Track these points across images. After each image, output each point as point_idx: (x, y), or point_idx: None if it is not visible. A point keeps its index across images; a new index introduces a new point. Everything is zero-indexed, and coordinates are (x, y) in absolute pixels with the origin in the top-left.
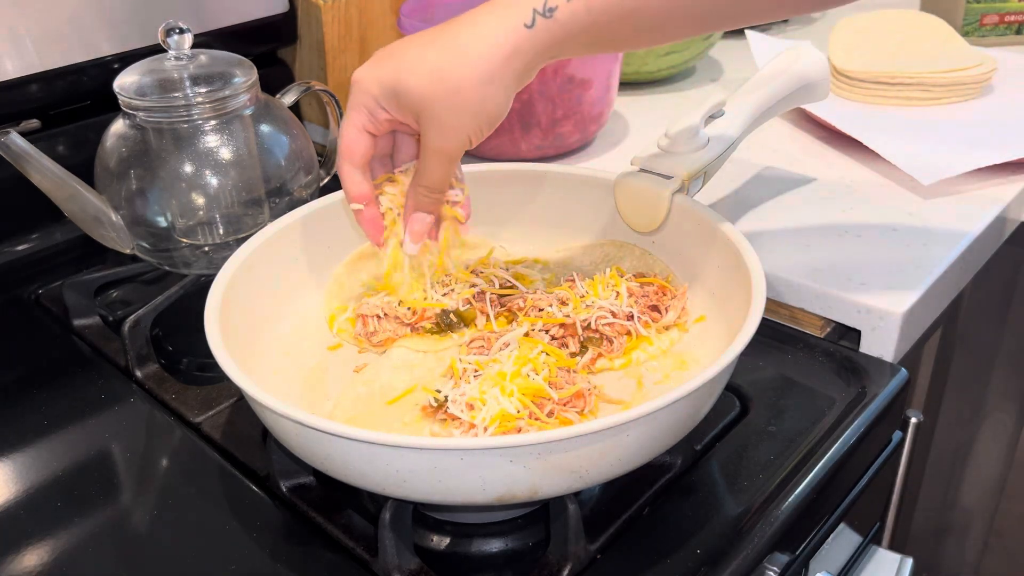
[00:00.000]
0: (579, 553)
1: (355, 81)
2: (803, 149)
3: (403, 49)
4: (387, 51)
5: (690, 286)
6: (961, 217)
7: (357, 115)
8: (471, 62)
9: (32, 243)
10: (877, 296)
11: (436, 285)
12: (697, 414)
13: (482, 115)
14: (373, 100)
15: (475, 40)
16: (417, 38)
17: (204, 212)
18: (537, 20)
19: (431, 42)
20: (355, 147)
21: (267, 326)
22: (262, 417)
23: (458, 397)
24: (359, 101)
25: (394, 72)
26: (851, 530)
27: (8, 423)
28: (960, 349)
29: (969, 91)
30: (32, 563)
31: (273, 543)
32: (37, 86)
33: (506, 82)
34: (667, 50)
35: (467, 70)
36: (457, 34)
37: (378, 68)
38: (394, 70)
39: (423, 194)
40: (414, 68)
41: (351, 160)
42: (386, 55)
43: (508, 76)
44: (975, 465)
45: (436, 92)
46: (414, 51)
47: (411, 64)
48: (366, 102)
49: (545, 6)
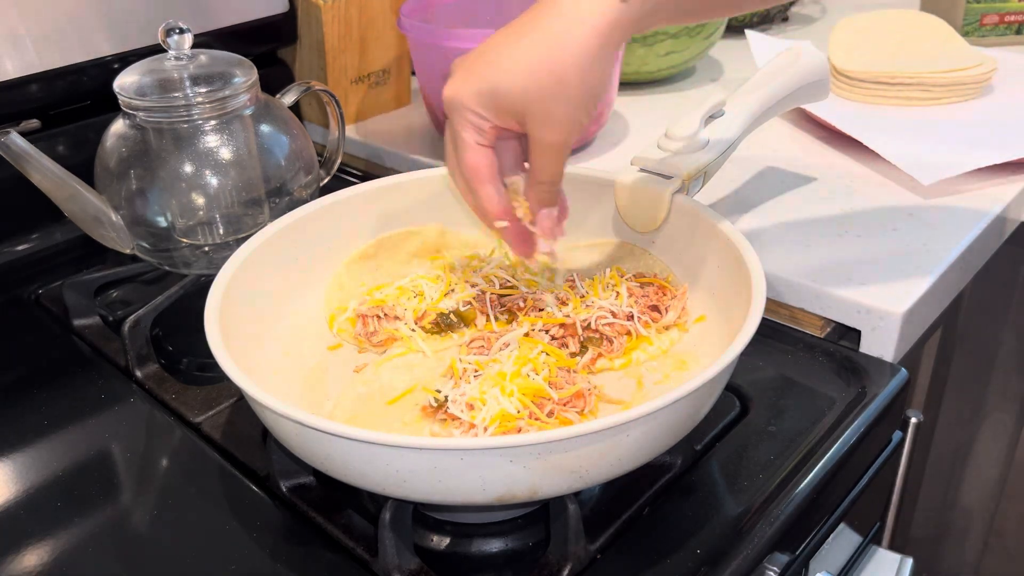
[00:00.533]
0: (579, 553)
1: (451, 100)
2: (803, 149)
3: (489, 53)
4: (469, 61)
5: (690, 286)
6: (961, 217)
7: (467, 133)
8: (571, 49)
9: (32, 243)
10: (877, 296)
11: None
12: (697, 414)
13: (588, 98)
14: (474, 114)
15: (572, 26)
16: (500, 39)
17: (204, 212)
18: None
19: (518, 38)
20: (480, 164)
21: (267, 326)
22: (262, 417)
23: (458, 397)
24: (463, 119)
25: (488, 79)
26: (851, 530)
27: (8, 423)
28: (960, 349)
29: (969, 91)
30: (32, 563)
31: (273, 543)
32: (37, 86)
33: (606, 60)
34: (667, 50)
35: (568, 57)
36: (549, 23)
37: (468, 80)
38: (488, 77)
39: (544, 190)
40: (510, 69)
41: (481, 178)
42: (472, 64)
43: (607, 54)
44: (975, 465)
45: (539, 87)
46: (503, 52)
47: (506, 66)
48: (469, 118)
49: None
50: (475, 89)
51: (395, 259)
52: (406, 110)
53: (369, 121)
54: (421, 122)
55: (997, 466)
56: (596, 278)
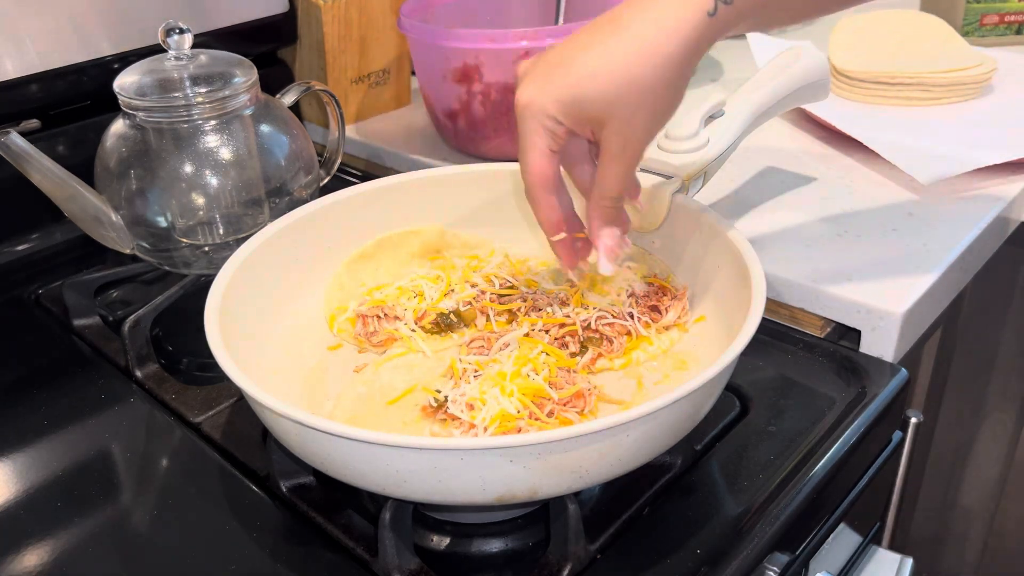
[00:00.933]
0: (579, 553)
1: (526, 105)
2: (803, 149)
3: (570, 57)
4: (547, 64)
5: (690, 286)
6: (961, 217)
7: (539, 139)
8: (661, 61)
9: (32, 243)
10: (877, 296)
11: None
12: (697, 414)
13: (669, 111)
14: (551, 119)
15: (661, 36)
16: (579, 43)
17: (204, 212)
18: (719, 8)
19: (602, 43)
20: (547, 171)
21: (267, 326)
22: (262, 417)
23: (458, 397)
24: (538, 124)
25: (572, 84)
26: (851, 530)
27: (8, 423)
28: (960, 349)
29: (969, 91)
30: (32, 563)
31: (273, 543)
32: (37, 86)
33: (689, 71)
34: None
35: (659, 70)
36: (637, 31)
37: (548, 84)
38: (571, 82)
39: (608, 206)
40: (596, 74)
41: (547, 186)
42: (550, 68)
43: (692, 65)
44: (975, 465)
45: (627, 96)
46: (586, 58)
47: (592, 71)
48: (544, 123)
49: None
50: (556, 96)
51: (395, 259)
52: (406, 110)
53: (369, 121)
54: (421, 122)
55: (997, 466)
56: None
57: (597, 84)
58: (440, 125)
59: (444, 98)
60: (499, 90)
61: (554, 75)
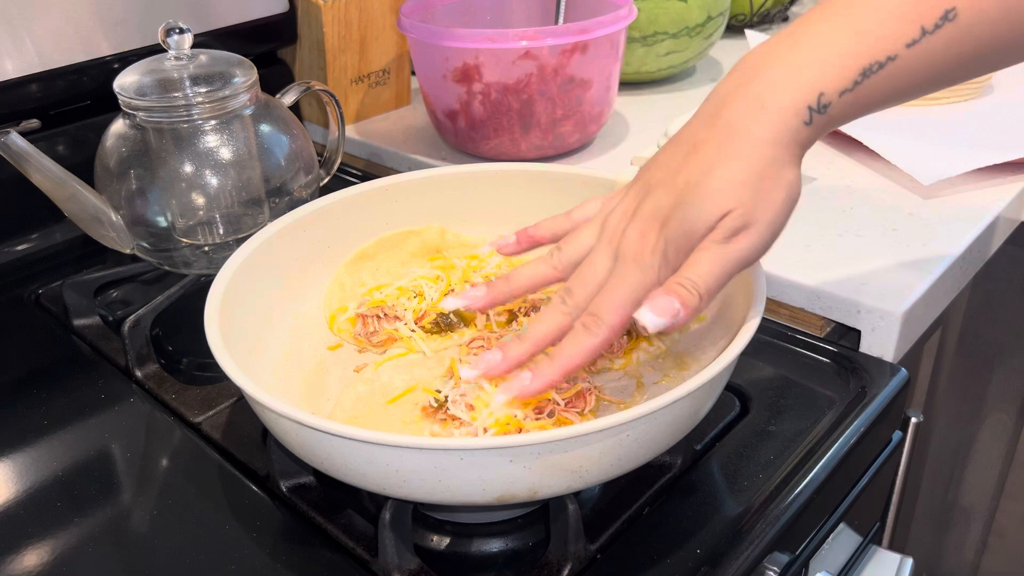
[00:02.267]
0: (579, 553)
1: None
2: None
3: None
4: (658, 184)
5: None
6: (961, 217)
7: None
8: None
9: (32, 243)
10: (877, 296)
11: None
12: (697, 414)
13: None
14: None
15: (767, 153)
16: (672, 165)
17: (204, 212)
18: (814, 118)
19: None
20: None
21: (267, 326)
22: (262, 417)
23: (458, 397)
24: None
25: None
26: (851, 530)
27: (8, 423)
28: (960, 349)
29: (969, 91)
30: (32, 563)
31: (273, 543)
32: (37, 86)
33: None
34: (667, 50)
35: (775, 193)
36: (756, 148)
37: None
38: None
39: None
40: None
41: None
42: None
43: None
44: (975, 465)
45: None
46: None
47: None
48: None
49: (819, 103)
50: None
51: (395, 259)
52: (406, 110)
53: (369, 121)
54: (421, 122)
55: (997, 466)
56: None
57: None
58: (440, 125)
59: (444, 98)
60: (499, 90)
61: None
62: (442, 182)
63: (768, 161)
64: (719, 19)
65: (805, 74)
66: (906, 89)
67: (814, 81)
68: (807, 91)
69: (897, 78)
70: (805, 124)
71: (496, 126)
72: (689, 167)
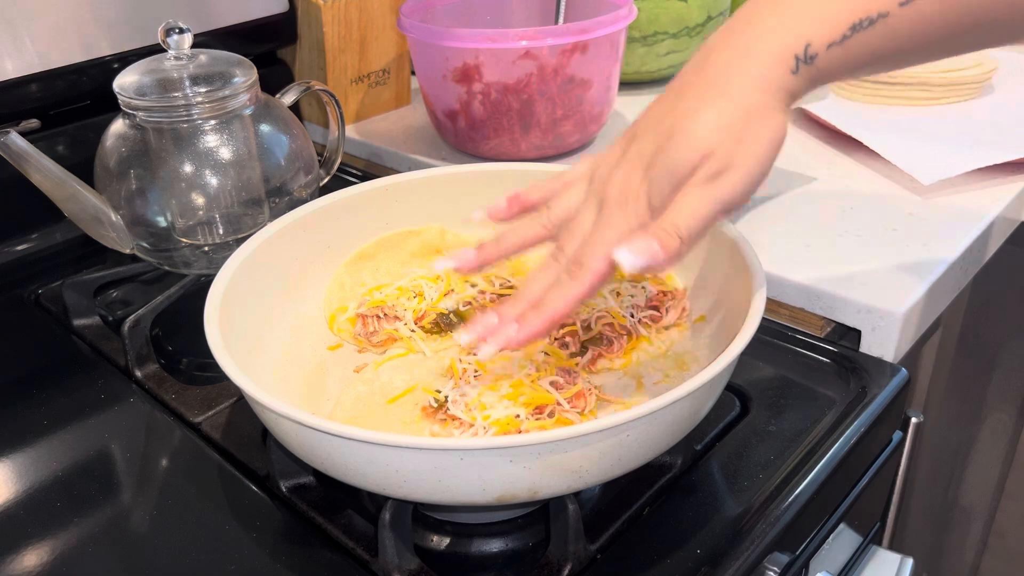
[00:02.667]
0: (579, 553)
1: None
2: (803, 149)
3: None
4: (656, 135)
5: (690, 286)
6: (961, 217)
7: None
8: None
9: (32, 243)
10: (877, 296)
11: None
12: (697, 414)
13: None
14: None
15: (756, 94)
16: (658, 113)
17: (204, 212)
18: (800, 67)
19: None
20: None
21: (267, 326)
22: (262, 417)
23: (458, 398)
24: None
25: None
26: (851, 530)
27: (8, 423)
28: (960, 349)
29: (969, 91)
30: (32, 563)
31: (273, 543)
32: (37, 86)
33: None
34: (667, 50)
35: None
36: (740, 93)
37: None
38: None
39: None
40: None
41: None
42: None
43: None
44: (975, 465)
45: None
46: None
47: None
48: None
49: (806, 53)
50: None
51: (395, 259)
52: (406, 110)
53: (369, 121)
54: (421, 122)
55: (997, 466)
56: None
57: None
58: (440, 125)
59: (444, 98)
60: (499, 90)
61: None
62: (442, 182)
63: (752, 105)
64: (719, 19)
65: (793, 24)
66: (897, 50)
67: (801, 31)
68: (794, 40)
69: (888, 37)
70: (792, 72)
71: (496, 126)
72: (674, 112)
